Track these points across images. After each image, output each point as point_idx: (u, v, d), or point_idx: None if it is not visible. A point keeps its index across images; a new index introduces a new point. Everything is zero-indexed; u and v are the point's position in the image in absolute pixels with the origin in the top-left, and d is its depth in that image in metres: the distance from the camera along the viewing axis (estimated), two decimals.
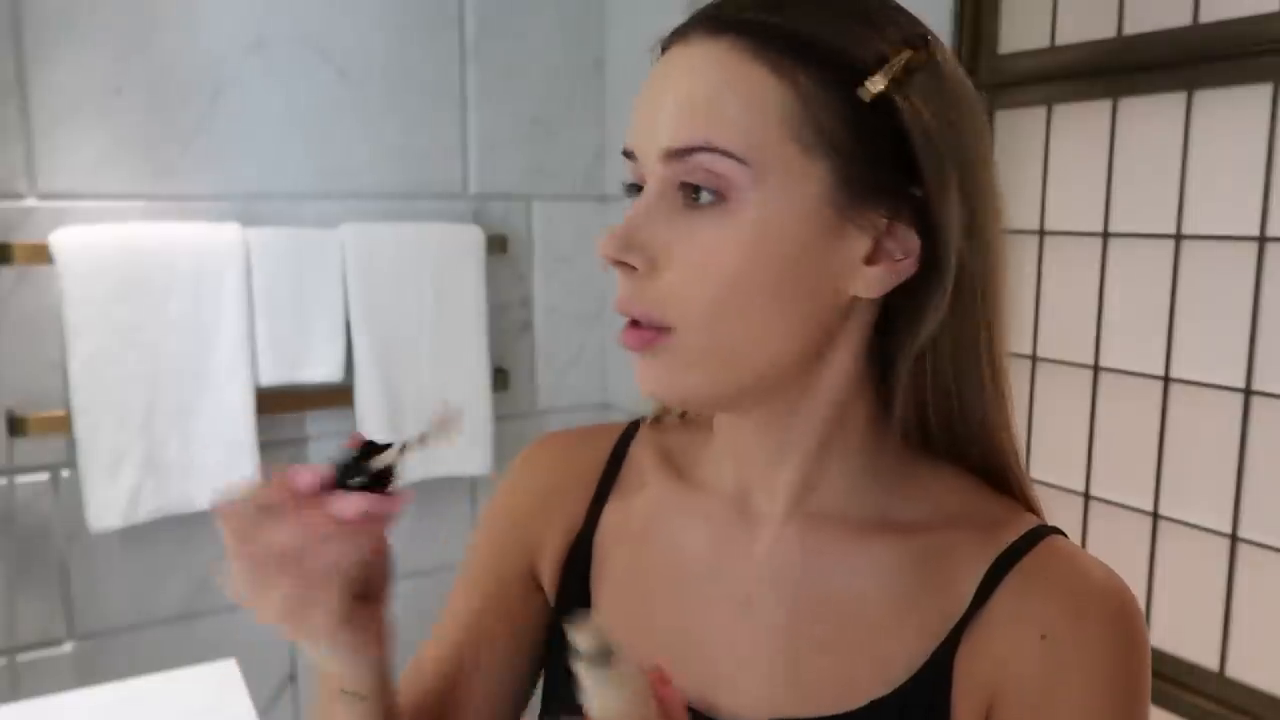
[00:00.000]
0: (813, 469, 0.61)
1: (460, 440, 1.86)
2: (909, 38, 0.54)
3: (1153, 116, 1.20)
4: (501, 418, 1.87)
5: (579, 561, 0.69)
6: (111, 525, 1.52)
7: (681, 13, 0.61)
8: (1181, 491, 1.21)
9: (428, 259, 1.74)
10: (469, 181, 1.84)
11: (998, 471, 0.62)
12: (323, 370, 1.68)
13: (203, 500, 1.59)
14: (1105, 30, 1.24)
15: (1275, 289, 1.11)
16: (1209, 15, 1.13)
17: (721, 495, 0.65)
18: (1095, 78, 1.25)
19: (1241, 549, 1.15)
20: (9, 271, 1.49)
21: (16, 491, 1.54)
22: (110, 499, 1.51)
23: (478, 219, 1.84)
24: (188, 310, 1.55)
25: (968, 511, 0.60)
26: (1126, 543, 1.26)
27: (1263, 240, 1.11)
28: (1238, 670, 1.16)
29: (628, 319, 0.57)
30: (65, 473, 1.57)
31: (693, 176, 0.54)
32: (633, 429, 0.73)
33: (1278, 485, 1.12)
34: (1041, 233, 1.34)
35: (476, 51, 1.81)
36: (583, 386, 2.00)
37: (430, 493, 1.86)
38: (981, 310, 0.57)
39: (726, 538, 0.64)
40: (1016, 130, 1.36)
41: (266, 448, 1.66)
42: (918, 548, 0.59)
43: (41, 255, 1.46)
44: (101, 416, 1.50)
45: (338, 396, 1.72)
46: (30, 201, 1.50)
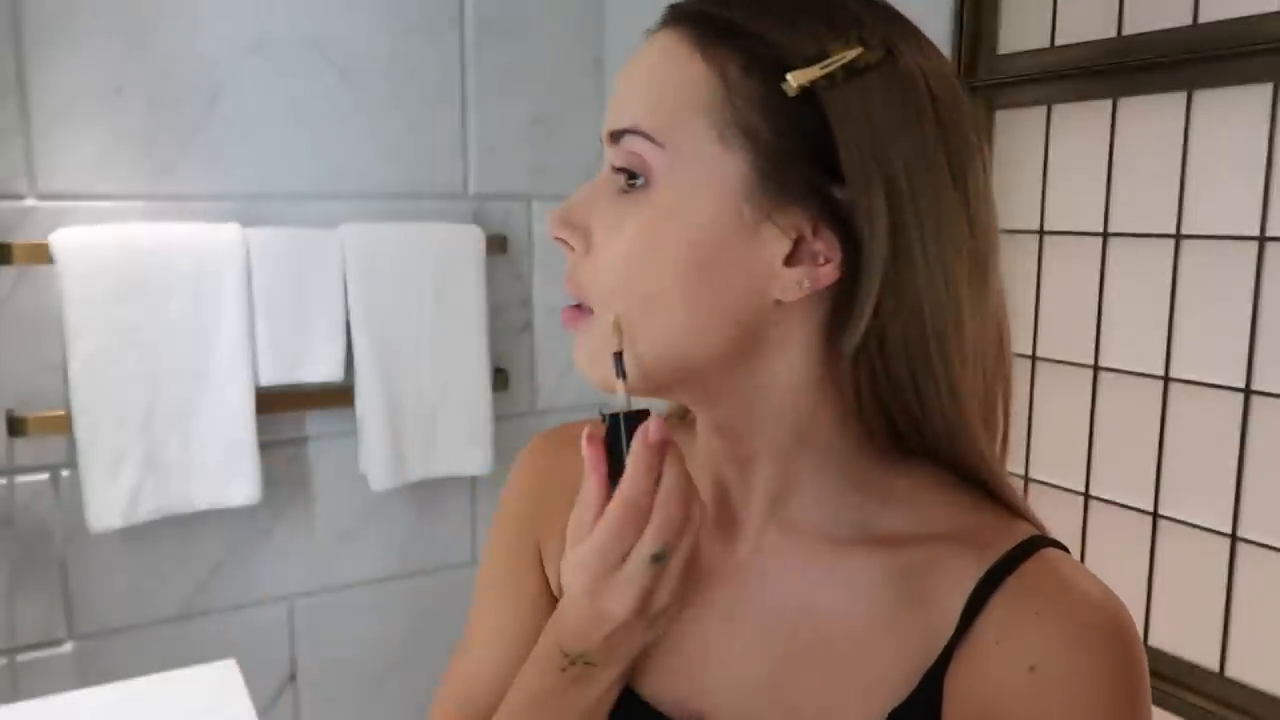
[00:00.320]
0: (782, 473, 0.59)
1: (460, 440, 1.87)
2: (867, 39, 0.51)
3: (1153, 116, 1.20)
4: (501, 418, 1.87)
5: None
6: (111, 525, 1.52)
7: None
8: (1181, 491, 1.21)
9: (428, 259, 1.74)
10: (469, 181, 1.84)
11: (973, 475, 0.59)
12: (323, 370, 1.68)
13: (203, 500, 1.59)
14: (1105, 30, 1.24)
15: (1275, 289, 1.11)
16: (1209, 15, 1.13)
17: (704, 500, 0.64)
18: (1095, 78, 1.25)
19: (1241, 549, 1.15)
20: (9, 271, 1.49)
21: (16, 491, 1.54)
22: (110, 499, 1.51)
23: (478, 219, 1.84)
24: (188, 310, 1.55)
25: (954, 522, 0.58)
26: (1126, 543, 1.26)
27: (1263, 240, 1.11)
28: (1238, 670, 1.16)
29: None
30: (65, 473, 1.57)
31: (622, 159, 0.55)
32: None
33: (1278, 485, 1.12)
34: (1041, 233, 1.34)
35: (476, 51, 1.81)
36: (583, 386, 2.00)
37: (430, 493, 1.86)
38: (929, 321, 0.53)
39: (706, 545, 0.62)
40: (1016, 130, 1.36)
41: (266, 448, 1.66)
42: (902, 562, 0.57)
43: (41, 255, 1.46)
44: (101, 416, 1.50)
45: (338, 396, 1.72)
46: (30, 201, 1.50)
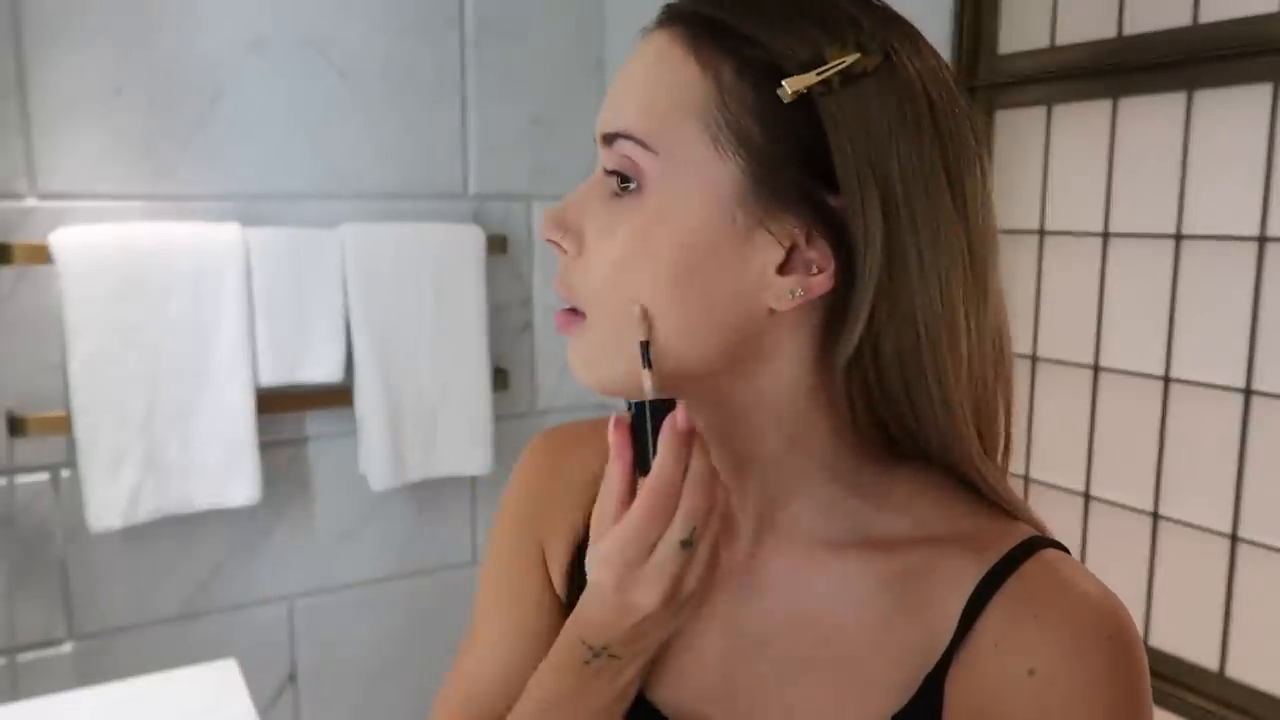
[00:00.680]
0: (777, 479, 0.59)
1: (460, 440, 1.87)
2: (864, 43, 0.51)
3: (1153, 116, 1.20)
4: (501, 418, 1.87)
5: (583, 571, 0.66)
6: (111, 525, 1.52)
7: None
8: (1181, 491, 1.21)
9: (428, 259, 1.74)
10: (469, 181, 1.84)
11: (969, 481, 0.58)
12: (323, 370, 1.68)
13: (203, 500, 1.59)
14: (1105, 30, 1.24)
15: (1275, 289, 1.11)
16: (1209, 15, 1.13)
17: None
18: (1095, 78, 1.25)
19: (1241, 549, 1.15)
20: (9, 271, 1.49)
21: (16, 491, 1.54)
22: (110, 499, 1.51)
23: (478, 219, 1.84)
24: (188, 310, 1.55)
25: (951, 525, 0.57)
26: (1126, 543, 1.26)
27: (1263, 240, 1.11)
28: (1238, 670, 1.16)
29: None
30: (65, 473, 1.57)
31: (614, 163, 0.54)
32: None
33: (1278, 485, 1.12)
34: (1041, 233, 1.34)
35: (476, 51, 1.81)
36: (582, 386, 2.00)
37: (430, 493, 1.86)
38: (924, 331, 0.52)
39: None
40: (1016, 130, 1.36)
41: (266, 448, 1.66)
42: (899, 566, 0.56)
43: (41, 255, 1.46)
44: (101, 416, 1.50)
45: (338, 396, 1.72)
46: (30, 201, 1.50)
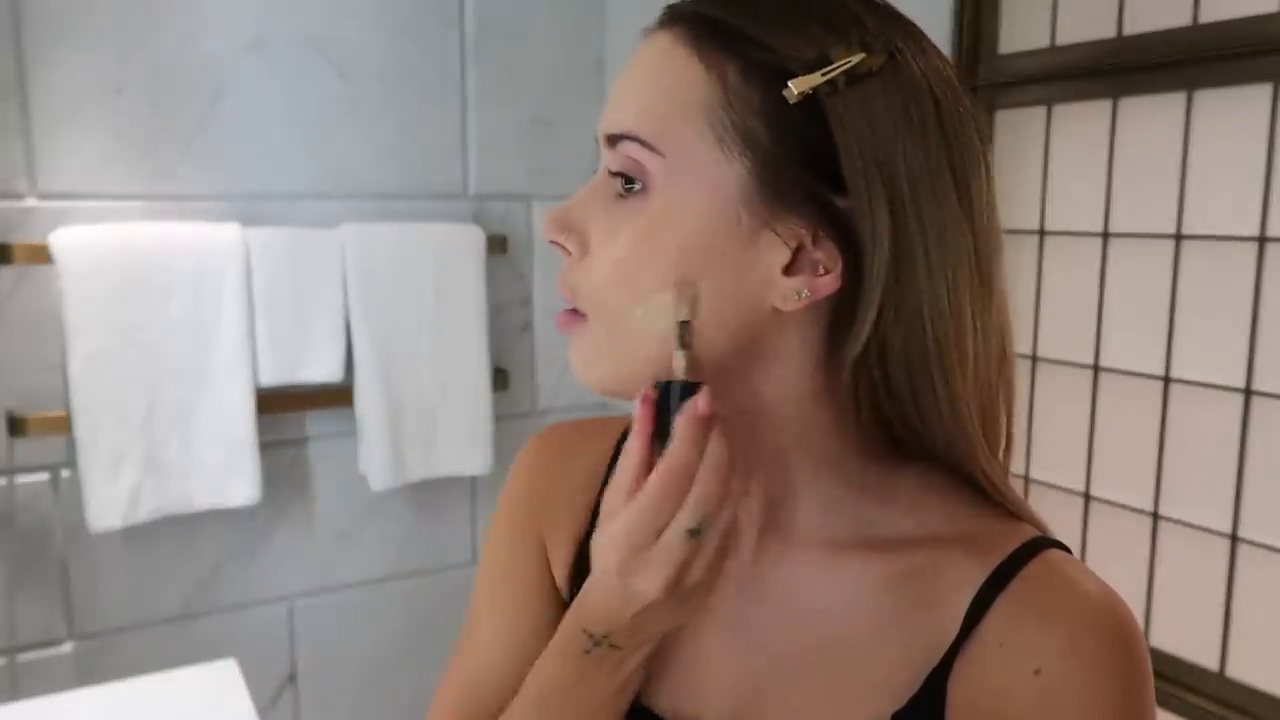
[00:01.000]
0: (781, 479, 0.59)
1: (460, 440, 1.87)
2: (869, 43, 0.50)
3: (1153, 116, 1.20)
4: (501, 418, 1.87)
5: (586, 569, 0.65)
6: (111, 525, 1.52)
7: None
8: (1181, 491, 1.21)
9: (428, 259, 1.74)
10: (469, 181, 1.84)
11: (973, 481, 0.58)
12: (323, 370, 1.68)
13: (203, 500, 1.59)
14: (1105, 30, 1.23)
15: (1275, 289, 1.10)
16: (1209, 15, 1.13)
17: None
18: (1095, 78, 1.25)
19: (1241, 549, 1.15)
20: (9, 271, 1.49)
21: (16, 491, 1.54)
22: (110, 499, 1.51)
23: (478, 219, 1.84)
24: (188, 310, 1.55)
25: (955, 525, 0.57)
26: (1126, 543, 1.26)
27: (1263, 240, 1.11)
28: (1238, 670, 1.16)
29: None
30: (65, 473, 1.57)
31: (619, 164, 0.54)
32: None
33: (1278, 485, 1.12)
34: (1041, 233, 1.34)
35: (476, 51, 1.81)
36: (582, 386, 2.00)
37: (430, 493, 1.86)
38: (930, 331, 0.52)
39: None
40: (1016, 130, 1.36)
41: (266, 448, 1.66)
42: (902, 566, 0.56)
43: (41, 255, 1.46)
44: (101, 416, 1.50)
45: (338, 396, 1.72)
46: (30, 201, 1.50)
